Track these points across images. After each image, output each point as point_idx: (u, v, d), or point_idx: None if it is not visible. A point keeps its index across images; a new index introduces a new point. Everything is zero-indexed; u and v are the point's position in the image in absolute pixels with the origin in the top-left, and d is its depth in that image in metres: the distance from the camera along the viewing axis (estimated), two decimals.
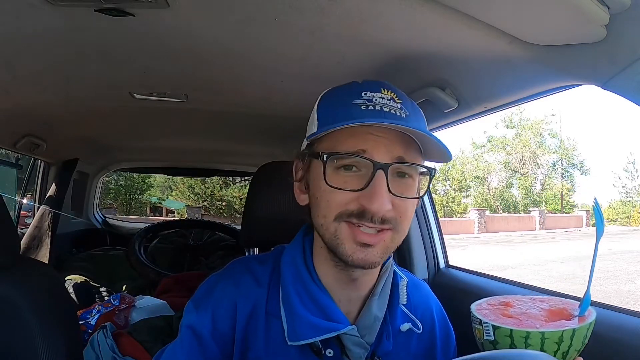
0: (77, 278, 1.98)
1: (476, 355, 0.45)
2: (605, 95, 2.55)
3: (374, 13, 0.68)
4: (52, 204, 2.04)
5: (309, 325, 0.58)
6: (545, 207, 25.21)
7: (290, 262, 0.64)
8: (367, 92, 0.57)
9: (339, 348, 0.60)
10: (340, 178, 0.56)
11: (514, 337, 0.53)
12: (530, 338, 0.53)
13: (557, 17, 0.58)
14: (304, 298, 0.60)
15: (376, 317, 0.61)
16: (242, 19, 0.73)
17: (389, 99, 0.57)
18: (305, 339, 0.58)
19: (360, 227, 0.56)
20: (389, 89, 0.59)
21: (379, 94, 0.57)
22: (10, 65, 0.96)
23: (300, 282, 0.62)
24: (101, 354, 1.28)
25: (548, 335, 0.53)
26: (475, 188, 26.56)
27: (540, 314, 0.58)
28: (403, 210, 0.57)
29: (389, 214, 0.55)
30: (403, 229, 0.58)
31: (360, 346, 0.59)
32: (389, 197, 0.55)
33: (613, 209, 27.88)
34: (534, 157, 26.61)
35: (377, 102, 0.56)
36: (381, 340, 0.62)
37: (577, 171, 27.96)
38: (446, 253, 1.43)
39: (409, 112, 0.58)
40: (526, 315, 0.58)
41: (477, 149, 27.59)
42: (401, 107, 0.57)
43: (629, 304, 6.44)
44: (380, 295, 0.63)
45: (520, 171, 26.84)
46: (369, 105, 0.56)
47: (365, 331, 0.60)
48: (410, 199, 0.57)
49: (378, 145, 0.55)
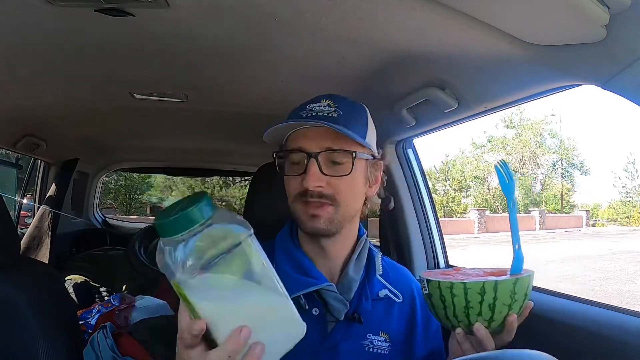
0: (77, 278, 1.99)
1: (476, 355, 0.45)
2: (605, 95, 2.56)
3: (374, 13, 0.68)
4: (52, 204, 2.04)
5: (294, 282, 0.69)
6: (545, 207, 25.22)
7: (281, 241, 0.79)
8: (310, 104, 0.73)
9: (322, 306, 0.72)
10: (291, 170, 0.73)
11: (441, 288, 0.61)
12: (455, 288, 0.59)
13: (557, 17, 0.58)
14: (290, 264, 0.75)
15: (352, 278, 0.74)
16: (242, 19, 0.73)
17: (325, 106, 0.73)
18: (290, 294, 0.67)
19: (308, 204, 0.70)
20: (328, 99, 0.74)
21: (317, 104, 0.73)
22: (10, 65, 0.96)
23: (288, 251, 0.76)
24: (101, 354, 1.28)
25: (470, 285, 0.59)
26: (475, 188, 26.57)
27: (477, 274, 0.65)
28: (337, 186, 0.71)
29: (324, 190, 0.70)
30: (344, 202, 0.71)
31: (340, 302, 0.71)
32: (321, 177, 0.69)
33: (613, 209, 27.90)
34: (534, 157, 26.62)
35: (314, 109, 0.72)
36: (360, 301, 0.74)
37: (577, 171, 27.97)
38: (446, 253, 1.43)
39: (342, 112, 0.72)
40: (463, 274, 0.65)
41: (477, 149, 27.59)
42: (335, 110, 0.72)
43: (629, 304, 6.44)
44: (355, 262, 0.76)
45: (520, 171, 26.85)
46: (308, 113, 0.72)
47: (344, 289, 0.73)
48: (341, 177, 0.70)
49: (309, 141, 0.71)
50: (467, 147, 35.09)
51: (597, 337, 0.77)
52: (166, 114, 1.46)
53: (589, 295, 3.33)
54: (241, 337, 0.45)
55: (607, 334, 0.76)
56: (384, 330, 0.74)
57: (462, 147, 31.33)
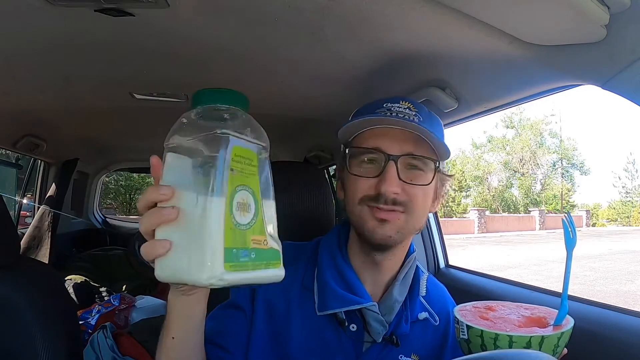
0: (77, 278, 1.99)
1: (476, 355, 0.45)
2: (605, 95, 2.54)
3: (374, 13, 0.68)
4: (52, 204, 2.04)
5: (336, 298, 0.68)
6: (545, 207, 25.23)
7: (327, 246, 0.75)
8: (388, 103, 0.69)
9: (362, 324, 0.69)
10: (362, 169, 0.68)
11: (484, 337, 0.56)
12: (499, 340, 0.56)
13: (557, 17, 0.58)
14: (335, 276, 0.71)
15: (396, 299, 0.70)
16: (242, 19, 0.73)
17: (405, 108, 0.68)
18: (332, 309, 0.68)
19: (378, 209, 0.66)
20: (407, 101, 0.70)
21: (397, 104, 0.69)
22: (10, 65, 0.96)
23: (334, 262, 0.72)
24: (101, 354, 1.28)
25: (516, 339, 0.55)
26: (475, 188, 26.58)
27: (517, 319, 0.61)
28: (413, 194, 0.67)
29: (399, 197, 0.66)
30: (416, 212, 0.68)
31: (380, 323, 0.68)
32: (399, 182, 0.66)
33: (613, 209, 27.90)
34: (534, 157, 26.63)
35: (394, 109, 0.68)
36: (400, 323, 0.71)
37: (577, 171, 28.00)
38: (446, 253, 1.43)
39: (422, 118, 0.68)
40: (502, 319, 0.61)
41: (477, 149, 27.61)
42: (415, 114, 0.68)
43: (629, 304, 6.44)
44: (402, 282, 0.72)
45: (520, 171, 26.86)
46: (387, 112, 0.67)
47: (386, 311, 0.69)
48: (419, 185, 0.67)
49: (391, 142, 0.67)
50: (467, 147, 35.10)
51: (597, 337, 0.77)
52: (166, 114, 1.45)
53: (589, 295, 3.33)
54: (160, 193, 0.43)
55: (607, 334, 0.76)
56: (416, 353, 0.72)
57: (462, 147, 31.31)
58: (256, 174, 0.46)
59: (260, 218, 0.45)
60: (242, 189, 0.44)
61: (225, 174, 0.42)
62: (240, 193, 0.44)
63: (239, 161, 0.44)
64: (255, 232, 0.44)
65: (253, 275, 0.44)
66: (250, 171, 0.45)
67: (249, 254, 0.44)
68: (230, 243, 0.42)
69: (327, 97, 1.15)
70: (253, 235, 0.44)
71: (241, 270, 0.43)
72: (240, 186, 0.44)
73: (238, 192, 0.43)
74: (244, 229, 0.43)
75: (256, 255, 0.44)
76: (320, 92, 1.11)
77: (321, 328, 0.69)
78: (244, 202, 0.44)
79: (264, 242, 0.45)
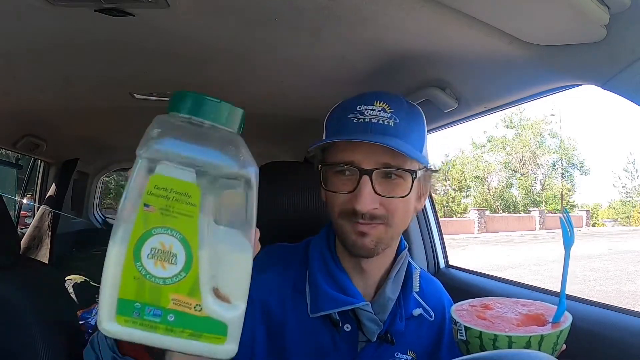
0: (77, 278, 1.99)
1: (476, 355, 0.45)
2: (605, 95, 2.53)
3: (374, 13, 0.68)
4: (52, 204, 2.04)
5: (329, 299, 0.67)
6: (545, 207, 25.22)
7: (317, 247, 0.74)
8: (362, 106, 0.65)
9: (355, 323, 0.68)
10: (337, 182, 0.66)
11: (482, 338, 0.56)
12: (498, 341, 0.55)
13: (557, 17, 0.58)
14: (326, 277, 0.70)
15: (389, 297, 0.69)
16: (242, 19, 0.73)
17: (379, 110, 0.64)
18: (324, 310, 0.67)
19: (358, 223, 0.64)
20: (382, 100, 0.65)
21: (370, 107, 0.65)
22: (10, 65, 0.96)
23: (324, 263, 0.71)
24: (101, 354, 1.28)
25: (515, 339, 0.55)
26: (475, 188, 26.57)
27: (515, 318, 0.61)
28: (392, 207, 0.64)
29: (376, 212, 0.63)
30: (396, 223, 0.66)
31: (374, 322, 0.67)
32: (375, 198, 0.63)
33: (613, 209, 27.90)
34: (534, 157, 26.63)
35: (368, 114, 0.64)
36: (394, 321, 0.70)
37: (577, 171, 27.99)
38: (446, 253, 1.43)
39: (399, 119, 0.64)
40: (500, 318, 0.60)
41: (477, 149, 27.61)
42: (391, 116, 0.64)
43: (629, 304, 6.44)
44: (394, 280, 0.71)
45: (520, 171, 26.85)
46: (360, 119, 0.64)
47: (379, 309, 0.68)
48: (397, 198, 0.64)
49: (365, 154, 0.63)
50: (467, 147, 35.09)
51: (597, 337, 0.77)
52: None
53: (589, 295, 3.32)
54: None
55: (607, 334, 0.76)
56: (412, 349, 0.72)
57: (462, 147, 31.35)
58: (194, 215, 0.35)
59: (193, 275, 0.35)
60: (161, 232, 0.35)
61: (130, 210, 0.35)
62: (158, 237, 0.35)
63: (161, 195, 0.35)
64: (179, 291, 0.35)
65: (166, 340, 0.35)
66: (182, 210, 0.35)
67: (164, 314, 0.35)
68: (128, 294, 0.34)
69: (327, 97, 1.14)
70: (175, 294, 0.35)
71: (143, 329, 0.35)
72: (159, 228, 0.35)
73: (153, 235, 0.34)
74: (159, 283, 0.34)
75: (176, 319, 0.35)
76: (320, 92, 1.11)
77: (315, 330, 0.68)
78: (163, 249, 0.35)
79: (194, 307, 0.35)
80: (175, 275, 0.35)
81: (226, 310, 0.36)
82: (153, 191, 0.35)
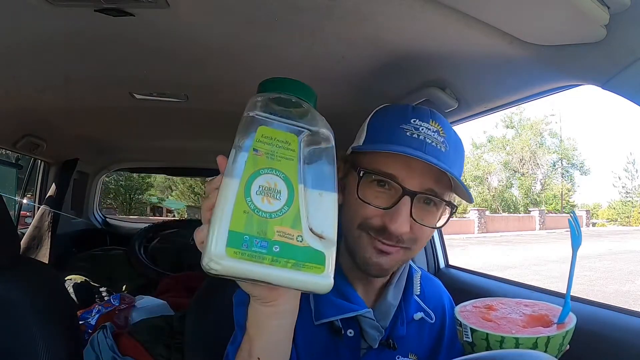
0: (77, 278, 1.98)
1: (476, 355, 0.45)
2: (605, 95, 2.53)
3: (374, 13, 0.68)
4: (52, 204, 2.04)
5: (332, 306, 0.66)
6: (545, 207, 25.21)
7: None
8: (417, 120, 0.62)
9: (358, 330, 0.67)
10: (372, 192, 0.62)
11: (489, 340, 0.56)
12: (505, 342, 0.55)
13: (557, 17, 0.58)
14: None
15: (391, 304, 0.69)
16: (242, 19, 0.73)
17: (434, 131, 0.62)
18: (327, 317, 0.66)
19: (379, 241, 0.62)
20: (437, 121, 0.63)
21: (426, 124, 0.62)
22: (10, 65, 0.96)
23: None
24: (101, 354, 1.28)
25: (522, 341, 0.55)
26: (475, 188, 26.54)
27: (520, 319, 0.61)
28: (420, 234, 0.63)
29: (405, 235, 0.61)
30: (416, 249, 0.65)
31: (376, 329, 0.67)
32: (409, 220, 0.60)
33: (613, 209, 27.90)
34: (534, 157, 26.62)
35: (422, 131, 0.61)
36: (395, 326, 0.69)
37: (577, 171, 27.99)
38: (446, 253, 1.43)
39: (449, 147, 0.62)
40: (506, 319, 0.60)
41: (477, 149, 27.59)
42: (443, 141, 0.62)
43: (629, 304, 6.44)
44: (395, 285, 0.71)
45: (520, 171, 26.85)
46: (414, 133, 0.60)
47: (381, 316, 0.68)
48: (429, 227, 0.63)
49: (412, 174, 0.60)
50: (467, 147, 35.03)
51: (597, 337, 0.77)
52: (166, 114, 1.46)
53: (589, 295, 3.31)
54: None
55: (607, 334, 0.76)
56: (414, 352, 0.71)
57: None
58: (294, 159, 0.41)
59: (295, 209, 0.40)
60: (267, 172, 0.40)
61: (242, 154, 0.40)
62: (265, 177, 0.39)
63: (267, 142, 0.41)
64: (283, 223, 0.39)
65: (272, 272, 0.38)
66: (284, 155, 0.41)
67: (270, 245, 0.38)
68: (238, 227, 0.37)
69: (327, 97, 1.14)
70: (279, 226, 0.39)
71: (251, 261, 0.37)
72: (266, 169, 0.40)
73: (261, 174, 0.39)
74: (265, 217, 0.38)
75: (281, 249, 0.38)
76: (320, 92, 1.11)
77: (318, 337, 0.68)
78: (269, 187, 0.39)
79: (296, 238, 0.39)
80: (280, 209, 0.39)
81: (323, 243, 0.41)
82: (260, 139, 0.41)
